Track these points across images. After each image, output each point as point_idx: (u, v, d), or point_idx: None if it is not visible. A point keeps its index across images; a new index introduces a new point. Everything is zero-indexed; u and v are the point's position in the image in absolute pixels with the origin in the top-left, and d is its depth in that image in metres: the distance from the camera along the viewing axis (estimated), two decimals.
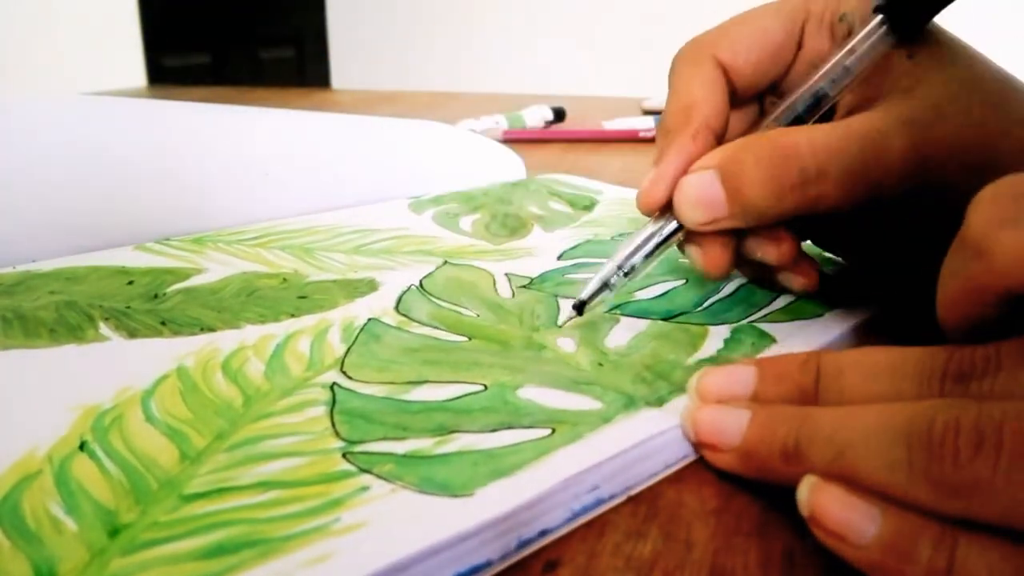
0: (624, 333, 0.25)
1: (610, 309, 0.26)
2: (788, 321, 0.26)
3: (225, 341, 0.24)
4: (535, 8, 2.16)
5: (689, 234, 0.25)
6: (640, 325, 0.25)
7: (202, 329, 0.24)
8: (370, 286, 0.28)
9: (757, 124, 0.26)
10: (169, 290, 0.28)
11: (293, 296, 0.27)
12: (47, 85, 1.26)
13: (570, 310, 0.25)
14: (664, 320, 0.26)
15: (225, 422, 0.19)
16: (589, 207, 0.40)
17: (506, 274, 0.30)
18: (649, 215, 0.25)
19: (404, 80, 2.10)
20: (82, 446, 0.18)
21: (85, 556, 0.15)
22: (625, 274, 0.24)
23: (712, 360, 0.23)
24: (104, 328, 0.24)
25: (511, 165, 0.47)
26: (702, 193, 0.23)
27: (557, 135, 0.66)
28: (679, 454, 0.19)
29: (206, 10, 1.90)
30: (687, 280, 0.29)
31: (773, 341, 0.24)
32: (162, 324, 0.25)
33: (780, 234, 0.25)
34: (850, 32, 0.25)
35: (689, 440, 0.19)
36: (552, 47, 2.13)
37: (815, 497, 0.16)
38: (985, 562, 0.14)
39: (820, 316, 0.26)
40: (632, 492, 0.18)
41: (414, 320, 0.25)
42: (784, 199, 0.23)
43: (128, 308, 0.26)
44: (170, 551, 0.15)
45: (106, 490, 0.16)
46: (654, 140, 0.64)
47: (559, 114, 0.72)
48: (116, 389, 0.20)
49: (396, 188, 0.41)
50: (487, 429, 0.19)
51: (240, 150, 0.38)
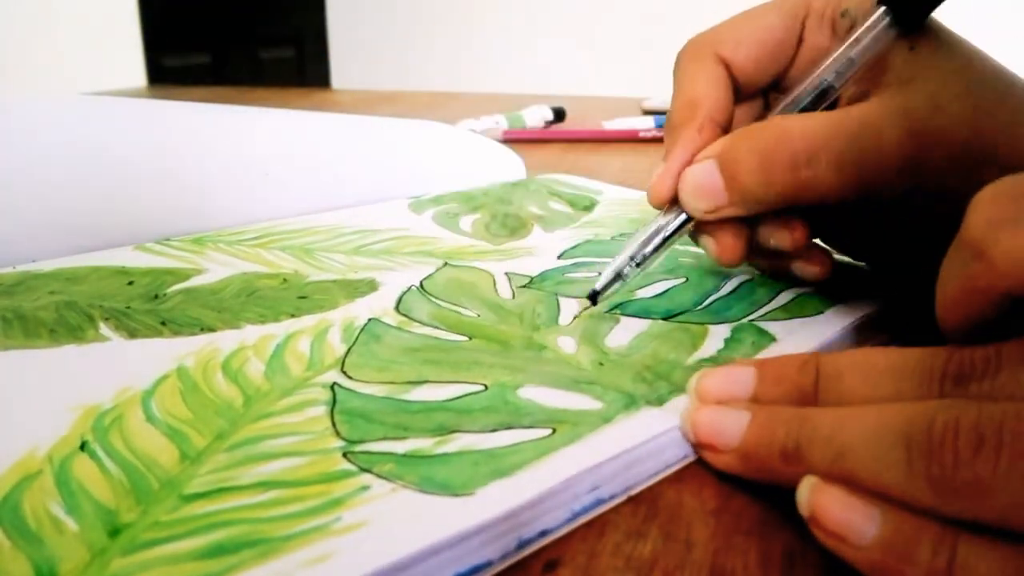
0: (624, 332, 0.25)
1: (610, 309, 0.27)
2: (788, 319, 0.26)
3: (225, 341, 0.24)
4: (535, 8, 2.16)
5: (700, 224, 0.25)
6: (640, 324, 0.25)
7: (202, 329, 0.24)
8: (370, 286, 0.28)
9: (761, 119, 0.26)
10: (169, 290, 0.28)
11: (293, 296, 0.27)
12: (47, 85, 1.26)
13: (584, 300, 0.25)
14: (664, 319, 0.26)
15: (225, 422, 0.19)
16: (589, 207, 0.40)
17: (506, 274, 0.30)
18: (659, 208, 0.25)
19: (404, 80, 2.10)
20: (83, 446, 0.18)
21: (86, 556, 0.15)
22: (637, 264, 0.25)
23: (713, 359, 0.23)
24: (104, 328, 0.24)
25: (511, 165, 0.47)
26: (702, 182, 0.24)
27: (557, 135, 0.66)
28: (679, 454, 0.19)
29: (206, 10, 1.90)
30: (687, 279, 0.29)
31: (773, 339, 0.24)
32: (162, 324, 0.25)
33: (792, 221, 0.25)
34: (852, 27, 0.25)
35: (688, 441, 0.19)
36: (552, 47, 2.13)
37: (815, 498, 0.16)
38: (985, 563, 0.14)
39: (820, 314, 0.26)
40: (632, 492, 0.18)
41: (414, 320, 0.25)
42: (775, 183, 0.23)
43: (128, 308, 0.26)
44: (170, 551, 0.15)
45: (106, 490, 0.16)
46: (654, 140, 0.64)
47: (559, 114, 0.72)
48: (116, 389, 0.20)
49: (396, 188, 0.41)
50: (487, 429, 0.19)
51: (240, 150, 0.38)
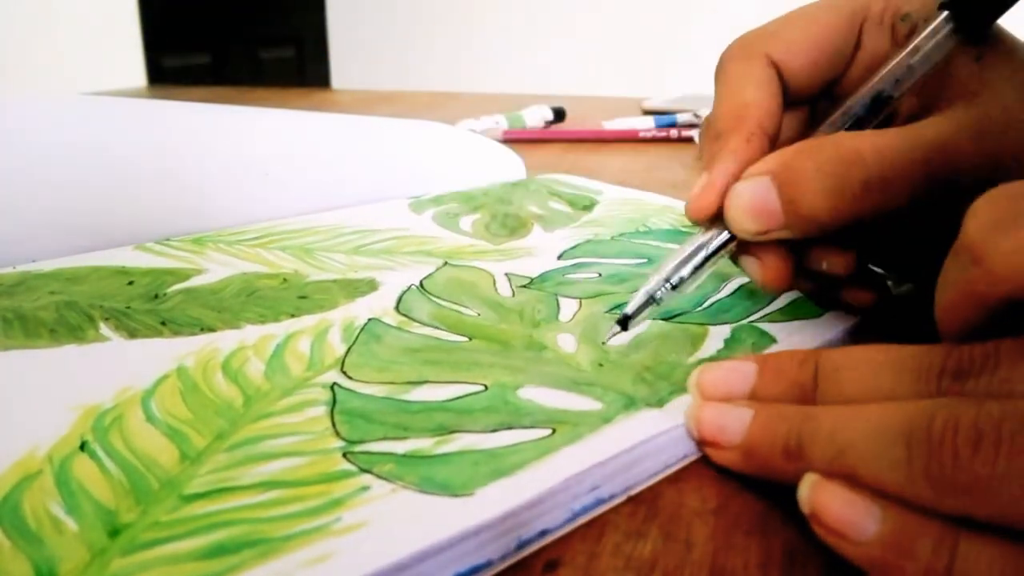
0: (624, 333, 0.25)
1: (610, 309, 0.27)
2: (788, 321, 0.26)
3: (225, 341, 0.24)
4: (535, 8, 2.16)
5: (743, 244, 0.23)
6: (640, 325, 0.25)
7: (202, 329, 0.24)
8: (370, 286, 0.28)
9: (807, 130, 0.24)
10: (169, 290, 0.28)
11: (293, 296, 0.27)
12: (47, 85, 1.26)
13: (614, 325, 0.23)
14: (664, 320, 0.26)
15: (225, 422, 0.19)
16: (589, 207, 0.40)
17: (506, 274, 0.30)
18: (699, 224, 0.23)
19: (404, 80, 2.10)
20: (83, 446, 0.18)
21: (86, 556, 0.15)
22: (673, 287, 0.23)
23: (712, 360, 0.23)
24: (104, 328, 0.24)
25: (511, 165, 0.47)
26: (756, 201, 0.22)
27: (557, 135, 0.66)
28: (679, 454, 0.19)
29: (206, 10, 1.90)
30: None
31: (773, 341, 0.24)
32: (162, 324, 0.25)
33: (843, 243, 0.23)
34: (912, 32, 0.24)
35: (692, 437, 0.19)
36: (552, 47, 2.13)
37: (816, 495, 0.16)
38: (985, 560, 0.14)
39: (820, 315, 0.26)
40: (632, 492, 0.18)
41: (415, 320, 0.25)
42: (844, 209, 0.21)
43: (128, 308, 0.26)
44: (170, 551, 0.15)
45: (106, 490, 0.16)
46: (654, 140, 0.64)
47: (559, 114, 0.72)
48: (116, 389, 0.20)
49: (396, 188, 0.41)
50: (487, 429, 0.19)
51: (240, 150, 0.38)
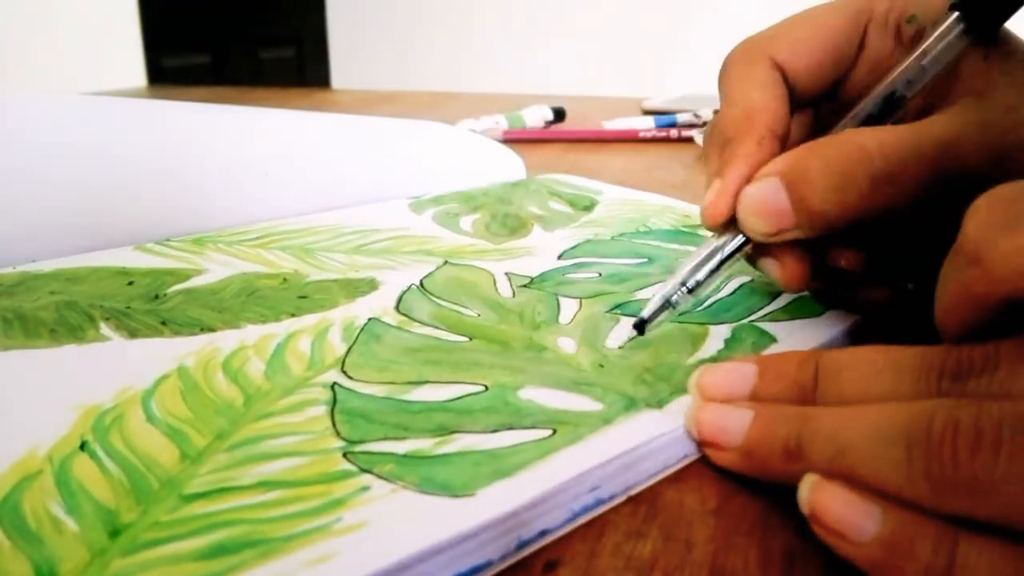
0: (625, 333, 0.25)
1: (610, 309, 0.27)
2: (788, 320, 0.26)
3: (225, 341, 0.24)
4: (535, 8, 2.16)
5: (760, 247, 0.23)
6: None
7: (202, 329, 0.24)
8: (370, 286, 0.28)
9: (813, 132, 0.24)
10: (169, 291, 0.28)
11: (293, 296, 0.27)
12: (47, 85, 1.26)
13: (630, 329, 0.23)
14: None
15: (226, 422, 0.19)
16: (589, 207, 0.40)
17: (506, 273, 0.30)
18: (714, 229, 0.24)
19: (404, 80, 2.10)
20: (83, 446, 0.18)
21: (86, 556, 0.15)
22: (689, 291, 0.23)
23: (713, 360, 0.23)
24: (105, 328, 0.24)
25: (511, 165, 0.47)
26: (766, 202, 0.22)
27: (557, 135, 0.66)
28: (679, 455, 0.19)
29: (206, 10, 1.90)
30: None
31: (773, 340, 0.24)
32: (162, 324, 0.25)
33: (857, 241, 0.23)
34: (919, 34, 0.24)
35: (692, 438, 0.19)
36: (552, 47, 2.13)
37: (816, 495, 0.16)
38: (985, 561, 0.14)
39: (820, 315, 0.26)
40: (632, 492, 0.18)
41: (415, 320, 0.25)
42: (852, 206, 0.21)
43: (128, 308, 0.26)
44: (171, 551, 0.15)
45: (107, 490, 0.16)
46: (654, 140, 0.64)
47: (559, 114, 0.72)
48: (117, 389, 0.20)
49: (396, 188, 0.41)
50: (488, 430, 0.19)
51: (240, 150, 0.38)
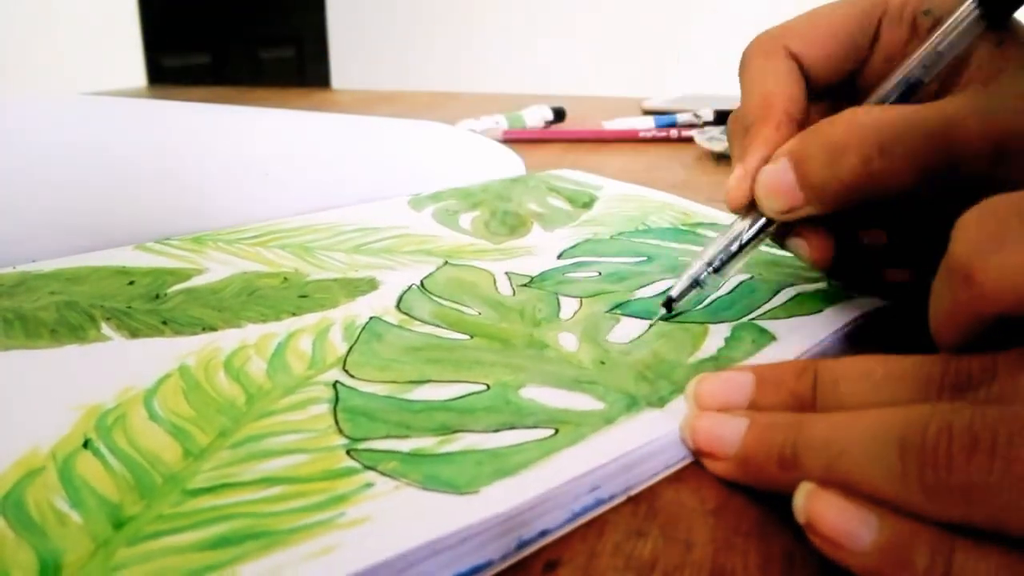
0: (625, 332, 0.25)
1: (611, 308, 0.27)
2: (788, 318, 0.26)
3: (227, 340, 0.24)
4: (535, 8, 2.16)
5: (785, 228, 0.24)
6: (641, 324, 0.25)
7: (203, 328, 0.24)
8: (370, 285, 0.28)
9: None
10: (170, 290, 0.28)
11: (294, 295, 0.27)
12: (47, 85, 1.26)
13: (660, 308, 0.25)
14: (664, 320, 0.26)
15: (228, 420, 0.19)
16: (588, 204, 0.40)
17: (506, 273, 0.30)
18: (737, 212, 0.25)
19: (404, 80, 2.10)
20: (86, 443, 0.18)
21: (90, 546, 0.15)
22: (715, 270, 0.24)
23: (713, 358, 0.23)
24: (106, 328, 0.24)
25: (511, 165, 0.47)
26: (776, 181, 0.23)
27: (557, 135, 0.66)
28: (680, 455, 0.19)
29: (206, 10, 1.90)
30: None
31: (773, 338, 0.24)
32: (163, 324, 0.25)
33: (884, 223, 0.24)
34: (935, 26, 0.24)
35: (688, 448, 0.19)
36: (552, 47, 2.13)
37: (811, 504, 0.16)
38: (982, 568, 0.14)
39: (819, 312, 0.26)
40: (632, 492, 0.18)
41: (416, 319, 0.25)
42: (846, 179, 0.22)
43: (129, 308, 0.26)
44: (175, 542, 0.15)
45: (110, 485, 0.17)
46: (654, 140, 0.64)
47: (559, 114, 0.72)
48: (118, 389, 0.21)
49: (396, 189, 0.41)
50: (490, 429, 0.19)
51: (240, 150, 0.38)
